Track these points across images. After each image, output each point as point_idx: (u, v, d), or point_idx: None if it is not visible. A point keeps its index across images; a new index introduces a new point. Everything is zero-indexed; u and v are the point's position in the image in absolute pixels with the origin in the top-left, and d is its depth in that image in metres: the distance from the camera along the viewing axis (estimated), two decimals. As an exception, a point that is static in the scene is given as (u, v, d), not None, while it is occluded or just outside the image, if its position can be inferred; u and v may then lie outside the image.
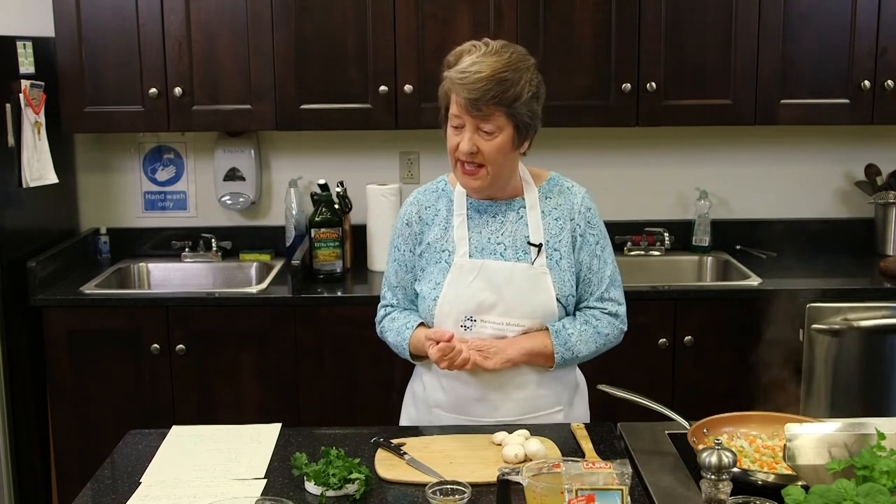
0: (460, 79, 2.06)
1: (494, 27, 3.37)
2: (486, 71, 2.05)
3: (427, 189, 2.31)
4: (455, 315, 2.17)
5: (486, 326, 2.16)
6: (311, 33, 3.39)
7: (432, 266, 2.22)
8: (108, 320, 3.27)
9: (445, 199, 2.26)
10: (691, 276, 3.74)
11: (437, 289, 2.19)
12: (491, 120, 2.07)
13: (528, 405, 2.21)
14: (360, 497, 1.82)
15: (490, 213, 2.23)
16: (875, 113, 3.47)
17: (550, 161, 3.82)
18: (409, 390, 2.39)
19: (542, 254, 2.18)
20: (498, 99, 2.05)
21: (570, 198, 2.25)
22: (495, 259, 2.18)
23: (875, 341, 3.24)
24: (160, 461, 2.01)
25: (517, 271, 2.17)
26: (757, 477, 1.80)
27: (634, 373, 3.26)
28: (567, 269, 2.20)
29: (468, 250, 2.19)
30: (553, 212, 2.23)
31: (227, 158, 3.75)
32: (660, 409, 2.09)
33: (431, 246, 2.23)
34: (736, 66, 3.43)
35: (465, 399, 2.21)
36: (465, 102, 2.06)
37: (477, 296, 2.16)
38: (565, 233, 2.21)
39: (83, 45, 3.39)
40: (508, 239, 2.20)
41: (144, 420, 3.16)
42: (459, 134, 2.11)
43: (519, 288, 2.16)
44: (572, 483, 1.59)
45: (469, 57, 2.09)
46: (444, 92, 2.14)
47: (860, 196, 3.82)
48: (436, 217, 2.25)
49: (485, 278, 2.17)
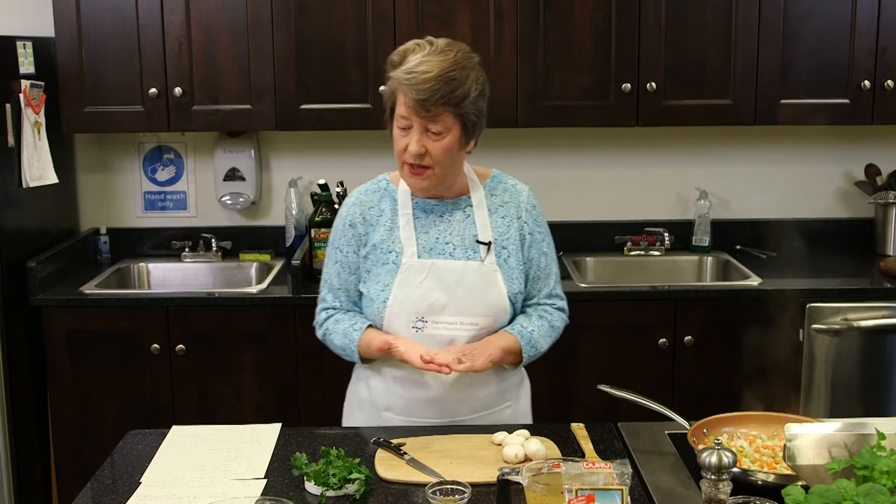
0: (408, 79, 2.03)
1: (494, 27, 3.38)
2: (434, 70, 2.02)
3: (369, 189, 2.26)
4: (406, 316, 2.15)
5: (439, 327, 2.15)
6: (311, 33, 3.39)
7: (379, 267, 2.19)
8: (108, 320, 3.27)
9: (389, 199, 2.23)
10: (691, 276, 3.74)
11: (385, 290, 2.16)
12: (439, 120, 2.06)
13: (480, 403, 2.22)
14: (360, 497, 1.82)
15: (437, 213, 2.21)
16: (875, 113, 3.47)
17: (550, 161, 3.85)
18: (351, 394, 2.35)
19: (492, 252, 2.18)
20: (446, 99, 2.03)
21: (516, 196, 2.26)
22: (445, 259, 2.17)
23: (875, 341, 3.24)
24: (160, 461, 2.01)
25: (468, 270, 2.16)
26: (757, 477, 1.80)
27: (634, 373, 3.26)
28: (515, 267, 2.21)
29: (416, 251, 2.17)
30: (500, 209, 2.23)
31: (227, 158, 3.75)
32: (660, 409, 2.09)
33: (377, 247, 2.19)
34: (736, 66, 3.43)
35: (418, 401, 2.20)
36: (413, 103, 2.03)
37: (427, 296, 2.15)
38: (513, 231, 2.22)
39: (83, 45, 3.39)
40: (457, 238, 2.19)
41: (144, 420, 3.15)
42: (407, 135, 2.09)
43: (471, 287, 2.16)
44: (572, 483, 1.59)
45: (414, 56, 2.06)
46: (389, 92, 2.11)
47: (860, 196, 3.82)
48: (380, 217, 2.21)
49: (435, 278, 2.15)
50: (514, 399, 2.30)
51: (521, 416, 2.32)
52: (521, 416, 2.32)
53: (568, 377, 3.29)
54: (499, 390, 2.25)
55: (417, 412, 2.20)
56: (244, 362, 3.28)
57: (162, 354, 3.27)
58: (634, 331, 3.30)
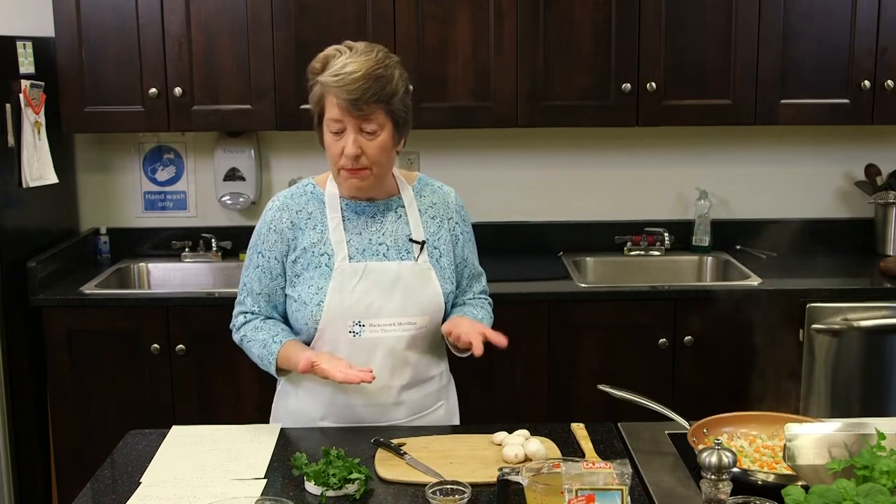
0: (336, 81, 2.04)
1: (494, 27, 3.38)
2: (362, 70, 2.04)
3: (294, 193, 2.24)
4: (342, 321, 2.14)
5: (376, 330, 2.15)
6: (311, 33, 3.39)
7: (311, 271, 2.16)
8: (108, 320, 3.27)
9: (316, 202, 2.21)
10: (691, 276, 3.75)
11: (319, 294, 2.14)
12: (372, 119, 2.07)
13: (416, 405, 2.23)
14: (360, 497, 1.82)
15: (369, 214, 2.20)
16: (875, 113, 3.47)
17: (550, 161, 3.85)
18: (279, 408, 2.31)
19: (425, 251, 2.20)
20: (377, 96, 2.05)
21: (444, 196, 2.28)
22: (378, 260, 2.17)
23: (875, 341, 3.24)
24: (160, 461, 2.01)
25: (404, 270, 2.17)
26: (757, 477, 1.80)
27: (634, 373, 3.26)
28: (447, 267, 2.23)
29: (348, 253, 2.16)
30: (429, 210, 2.25)
31: (227, 158, 3.75)
32: (660, 409, 2.09)
33: (308, 251, 2.17)
34: (736, 66, 3.43)
35: (353, 407, 2.19)
36: (345, 104, 2.04)
37: (363, 299, 2.14)
38: (443, 231, 2.24)
39: (83, 45, 3.39)
40: (390, 238, 2.19)
41: (144, 420, 3.15)
42: (340, 138, 2.09)
43: (408, 286, 2.16)
44: (572, 483, 1.59)
45: (337, 61, 2.07)
46: (316, 98, 2.11)
47: (860, 196, 3.82)
48: (308, 220, 2.19)
49: (370, 280, 2.15)
50: (445, 398, 2.32)
51: (452, 415, 2.35)
52: (452, 415, 2.35)
53: (568, 377, 3.29)
54: (434, 390, 2.27)
55: (354, 417, 2.20)
56: (244, 362, 3.23)
57: (162, 354, 3.27)
58: (634, 331, 3.30)
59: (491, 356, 2.43)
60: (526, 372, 3.29)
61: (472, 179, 3.74)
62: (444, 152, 3.72)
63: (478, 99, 3.44)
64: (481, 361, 2.44)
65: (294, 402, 2.26)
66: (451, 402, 2.35)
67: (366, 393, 2.17)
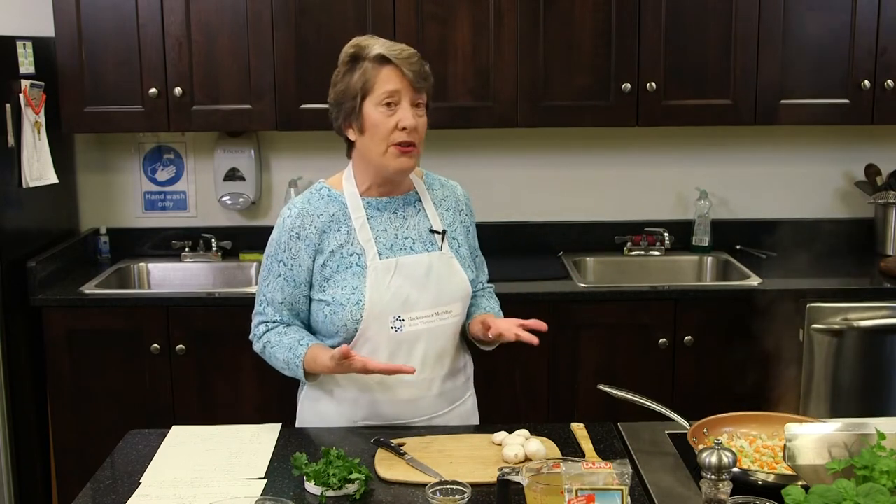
0: (397, 54, 2.10)
1: (494, 27, 3.38)
2: (411, 49, 2.14)
3: (310, 198, 2.21)
4: (383, 318, 2.14)
5: (416, 323, 2.16)
6: (311, 33, 3.39)
7: (342, 272, 2.15)
8: (108, 320, 3.27)
9: (336, 203, 2.20)
10: (691, 276, 3.75)
11: (356, 293, 2.13)
12: (423, 95, 2.14)
13: (452, 395, 2.25)
14: (360, 497, 1.82)
15: (391, 210, 2.22)
16: (875, 113, 3.47)
17: (550, 161, 3.85)
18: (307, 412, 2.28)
19: (445, 240, 2.23)
20: (426, 75, 2.14)
21: (452, 189, 2.34)
22: (407, 254, 2.19)
23: (875, 341, 3.24)
24: (160, 461, 2.01)
25: (433, 260, 2.20)
26: (757, 477, 1.80)
27: (634, 373, 3.26)
28: (467, 256, 2.28)
29: (377, 251, 2.17)
30: (443, 203, 2.29)
31: (227, 158, 3.75)
32: (660, 409, 2.10)
33: (336, 253, 2.16)
34: (736, 66, 3.43)
35: (399, 403, 2.19)
36: (411, 76, 2.09)
37: (400, 294, 2.15)
38: (457, 223, 2.29)
39: (83, 45, 3.39)
40: (414, 232, 2.22)
41: (144, 420, 3.15)
42: (394, 113, 2.11)
43: (439, 276, 2.19)
44: (572, 483, 1.59)
45: (378, 42, 2.13)
46: (361, 80, 2.11)
47: (860, 196, 3.82)
48: (332, 223, 2.18)
49: (403, 274, 2.16)
50: (471, 389, 2.37)
51: (475, 408, 2.38)
52: (475, 408, 2.38)
53: (568, 377, 3.29)
54: (464, 381, 2.31)
55: (400, 415, 2.20)
56: (244, 362, 3.28)
57: (162, 354, 3.27)
58: (634, 331, 3.30)
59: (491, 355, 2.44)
60: (526, 372, 3.29)
61: (472, 179, 3.72)
62: (444, 152, 3.72)
63: (478, 99, 3.44)
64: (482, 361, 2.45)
65: (326, 405, 2.23)
66: (474, 394, 2.39)
67: (411, 387, 2.18)
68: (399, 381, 2.16)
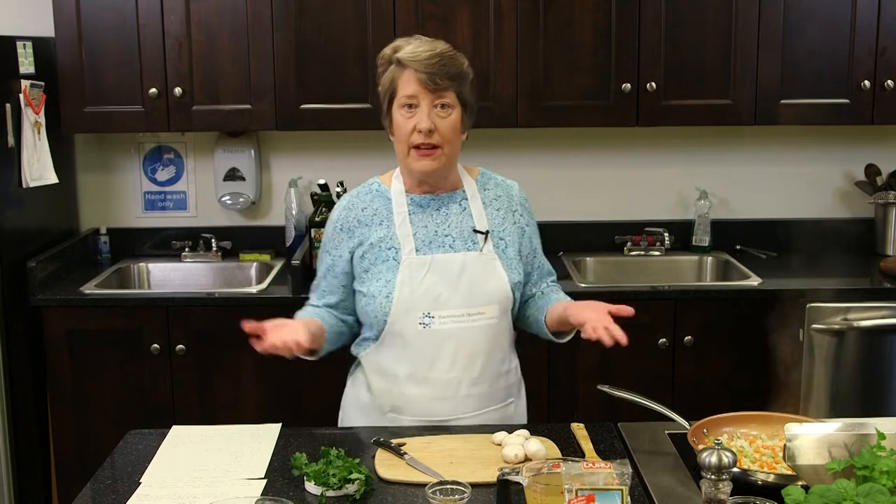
0: (412, 56, 2.11)
1: (494, 27, 3.38)
2: (436, 49, 2.13)
3: (360, 192, 2.28)
4: (412, 313, 2.16)
5: (446, 321, 2.16)
6: (311, 33, 3.39)
7: (379, 265, 2.20)
8: (108, 320, 3.27)
9: (381, 199, 2.25)
10: (691, 276, 3.74)
11: (387, 286, 2.17)
12: (445, 95, 2.13)
13: (485, 399, 2.23)
14: (360, 497, 1.82)
15: (434, 207, 2.23)
16: (875, 113, 3.47)
17: (550, 161, 3.85)
18: (350, 397, 2.34)
19: (489, 241, 2.22)
20: (450, 74, 2.12)
21: (507, 189, 2.32)
22: (444, 252, 2.19)
23: (875, 341, 3.24)
24: (160, 461, 2.01)
25: (469, 260, 2.19)
26: (757, 477, 1.80)
27: (634, 373, 3.26)
28: (514, 258, 2.25)
29: (414, 246, 2.18)
30: (493, 202, 2.27)
31: (227, 158, 3.75)
32: (660, 409, 2.10)
33: (375, 246, 2.21)
34: (736, 66, 3.43)
35: (427, 399, 2.20)
36: (424, 77, 2.10)
37: (431, 291, 2.16)
38: (508, 223, 2.27)
39: (83, 45, 3.39)
40: (455, 230, 2.22)
41: (144, 420, 3.15)
42: (413, 115, 2.13)
43: (473, 276, 2.18)
44: (572, 483, 1.59)
45: (409, 45, 2.14)
46: (388, 82, 2.16)
47: (860, 196, 3.82)
48: (374, 216, 2.23)
49: (437, 272, 2.17)
50: (515, 397, 2.32)
51: (520, 415, 2.34)
52: (520, 415, 2.34)
53: (568, 377, 3.29)
54: (504, 386, 2.27)
55: (426, 411, 2.20)
56: (244, 362, 3.28)
57: (162, 354, 3.27)
58: (634, 331, 3.24)
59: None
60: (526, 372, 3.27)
61: (472, 179, 3.74)
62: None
63: (478, 99, 3.43)
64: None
65: (363, 393, 2.29)
66: (520, 402, 2.35)
67: (437, 385, 2.18)
68: (427, 378, 2.18)
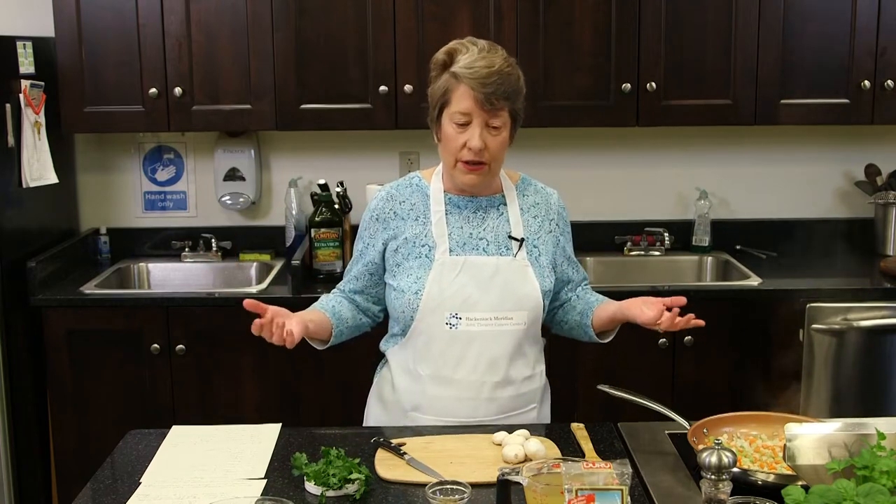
0: (472, 73, 2.06)
1: (494, 27, 3.38)
2: (495, 66, 2.07)
3: (400, 185, 2.28)
4: (440, 313, 2.16)
5: (473, 323, 2.16)
6: (311, 33, 3.39)
7: (411, 261, 2.20)
8: (108, 320, 3.27)
9: (420, 194, 2.25)
10: (691, 276, 3.74)
11: (417, 283, 2.17)
12: (499, 115, 2.10)
13: (508, 404, 2.22)
14: (360, 497, 1.82)
15: (471, 209, 2.23)
16: (875, 113, 3.47)
17: (550, 161, 3.84)
18: (374, 394, 2.37)
19: (524, 248, 2.21)
20: (507, 94, 2.09)
21: (546, 197, 2.31)
22: (478, 254, 2.19)
23: (875, 341, 3.24)
24: (160, 461, 2.01)
25: (501, 265, 2.18)
26: (757, 477, 1.80)
27: (634, 373, 3.26)
28: (546, 266, 2.24)
29: (449, 247, 2.18)
30: (531, 209, 2.27)
31: (227, 158, 3.75)
32: (660, 409, 2.10)
33: (409, 241, 2.21)
34: (736, 66, 3.43)
35: (449, 400, 2.19)
36: (481, 97, 2.06)
37: (461, 292, 2.15)
38: (543, 232, 2.27)
39: (83, 45, 3.39)
40: (490, 234, 2.21)
41: (144, 420, 3.15)
42: (465, 132, 2.10)
43: (505, 281, 2.18)
44: (572, 483, 1.59)
45: (465, 55, 2.09)
46: (441, 90, 2.12)
47: (860, 196, 3.82)
48: (411, 211, 2.23)
49: (469, 274, 2.17)
50: (538, 402, 2.29)
51: (542, 420, 2.32)
52: (542, 420, 2.32)
53: (568, 377, 3.29)
54: (527, 391, 2.25)
55: (447, 412, 2.20)
56: (244, 362, 3.28)
57: (162, 354, 3.27)
58: (634, 331, 3.27)
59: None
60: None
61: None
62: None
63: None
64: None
65: (388, 390, 2.29)
66: (544, 408, 2.33)
67: (459, 386, 2.18)
68: (449, 379, 2.18)
